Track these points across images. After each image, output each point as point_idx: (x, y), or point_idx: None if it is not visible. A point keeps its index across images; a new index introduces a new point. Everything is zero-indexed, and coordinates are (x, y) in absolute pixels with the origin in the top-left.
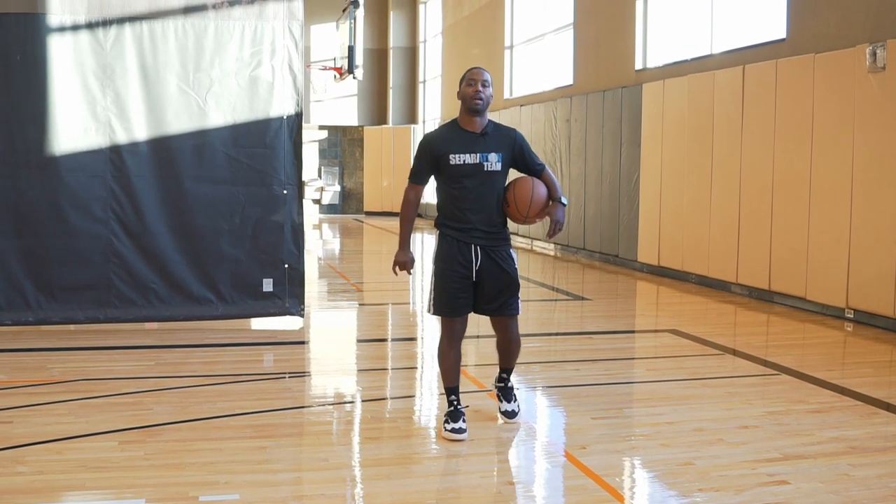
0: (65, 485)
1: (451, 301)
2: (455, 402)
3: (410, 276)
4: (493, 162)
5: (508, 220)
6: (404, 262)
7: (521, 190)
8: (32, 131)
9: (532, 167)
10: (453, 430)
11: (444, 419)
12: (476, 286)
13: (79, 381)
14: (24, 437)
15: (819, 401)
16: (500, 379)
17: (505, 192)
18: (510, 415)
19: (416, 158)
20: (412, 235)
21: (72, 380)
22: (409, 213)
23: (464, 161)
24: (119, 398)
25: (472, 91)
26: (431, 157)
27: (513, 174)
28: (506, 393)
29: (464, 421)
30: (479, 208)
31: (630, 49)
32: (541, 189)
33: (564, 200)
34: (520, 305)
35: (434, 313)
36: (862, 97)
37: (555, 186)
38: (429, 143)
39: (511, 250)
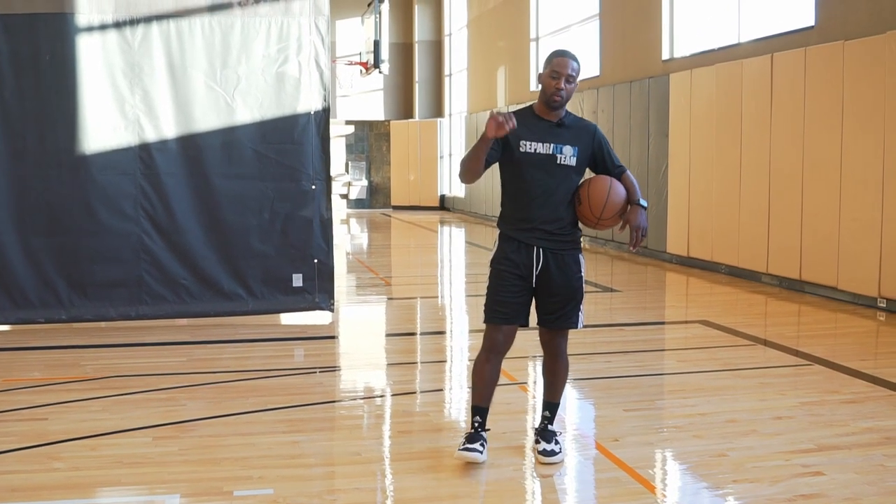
0: (100, 480)
1: (501, 307)
2: (477, 426)
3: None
4: (568, 156)
5: (581, 224)
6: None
7: (596, 187)
8: (62, 130)
9: (611, 167)
10: (466, 450)
11: (461, 441)
12: (535, 294)
13: (112, 378)
14: (60, 434)
15: (853, 391)
16: (542, 419)
17: (578, 189)
18: (549, 454)
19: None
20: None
21: (105, 376)
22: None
23: (535, 150)
24: (152, 394)
25: (553, 85)
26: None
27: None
28: (546, 435)
29: (482, 445)
30: (545, 204)
31: (657, 39)
32: (619, 189)
33: (644, 203)
34: (581, 319)
35: (483, 320)
36: (893, 84)
37: (634, 189)
38: None
39: (580, 256)
